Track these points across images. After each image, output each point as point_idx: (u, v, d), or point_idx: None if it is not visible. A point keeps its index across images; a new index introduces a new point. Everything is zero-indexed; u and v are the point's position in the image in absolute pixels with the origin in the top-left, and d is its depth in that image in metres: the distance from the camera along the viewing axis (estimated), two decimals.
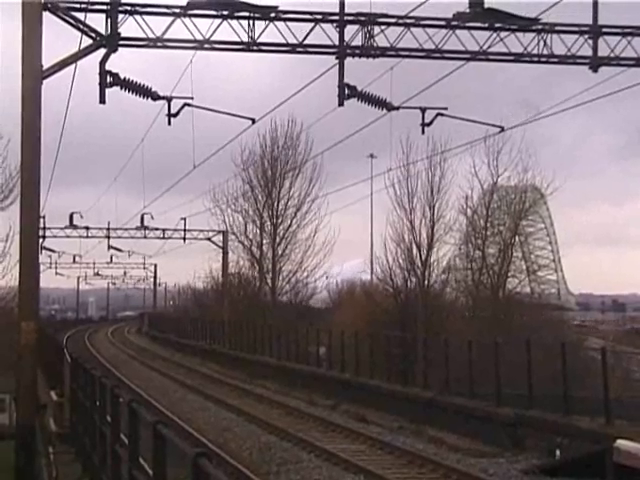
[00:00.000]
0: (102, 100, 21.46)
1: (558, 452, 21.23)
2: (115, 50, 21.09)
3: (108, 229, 65.77)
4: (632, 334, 75.67)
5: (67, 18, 20.91)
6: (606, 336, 68.25)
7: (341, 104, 22.70)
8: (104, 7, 21.00)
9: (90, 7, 21.03)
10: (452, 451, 22.62)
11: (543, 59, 23.12)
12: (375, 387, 32.47)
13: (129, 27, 21.06)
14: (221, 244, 65.77)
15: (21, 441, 19.70)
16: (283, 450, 22.44)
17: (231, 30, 21.63)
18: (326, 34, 22.04)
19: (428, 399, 28.33)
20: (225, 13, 21.52)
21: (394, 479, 18.61)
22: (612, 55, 22.93)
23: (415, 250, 48.66)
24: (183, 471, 6.48)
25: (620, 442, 18.07)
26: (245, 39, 21.76)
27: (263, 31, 21.75)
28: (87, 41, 21.07)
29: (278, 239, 61.40)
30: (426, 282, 48.66)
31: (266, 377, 42.22)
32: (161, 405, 30.91)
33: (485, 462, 20.83)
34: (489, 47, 22.62)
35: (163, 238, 66.67)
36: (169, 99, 22.98)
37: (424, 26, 22.37)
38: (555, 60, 23.20)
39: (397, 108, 24.07)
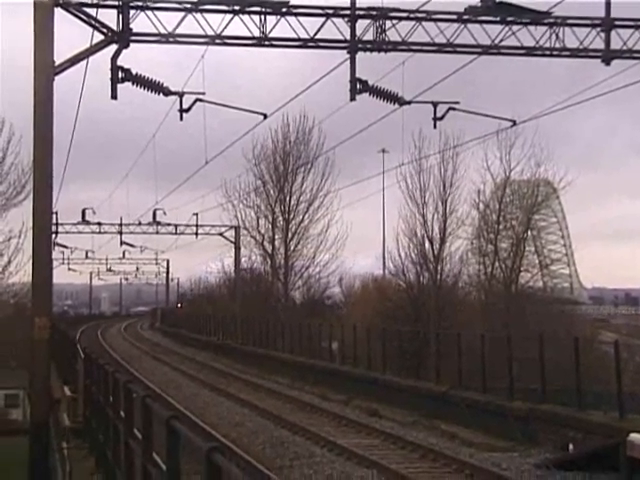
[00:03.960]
0: (114, 96, 21.49)
1: (571, 446, 21.17)
2: (127, 46, 21.12)
3: (120, 225, 65.73)
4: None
5: (79, 14, 20.95)
6: (619, 330, 68.09)
7: (353, 99, 22.70)
8: (115, 3, 21.02)
9: (101, 3, 21.05)
10: (465, 445, 22.61)
11: (555, 52, 23.05)
12: (388, 382, 32.47)
13: (140, 22, 21.11)
14: (233, 239, 65.74)
15: (35, 436, 19.77)
16: (296, 445, 22.47)
17: (242, 25, 21.66)
18: (337, 29, 22.04)
19: (441, 393, 28.32)
20: (236, 8, 21.52)
21: (407, 473, 18.58)
22: (625, 48, 22.84)
23: (427, 244, 48.60)
24: (196, 465, 6.47)
25: (633, 436, 17.98)
26: (257, 34, 21.77)
27: (274, 26, 21.75)
28: (99, 37, 21.14)
29: (290, 234, 61.36)
30: (438, 277, 48.58)
31: (278, 372, 42.27)
32: (174, 400, 30.96)
33: (498, 456, 20.81)
34: (501, 41, 22.56)
35: (175, 234, 66.60)
36: (181, 94, 23.00)
37: (436, 20, 22.34)
38: (567, 54, 23.12)
39: (409, 102, 24.03)
